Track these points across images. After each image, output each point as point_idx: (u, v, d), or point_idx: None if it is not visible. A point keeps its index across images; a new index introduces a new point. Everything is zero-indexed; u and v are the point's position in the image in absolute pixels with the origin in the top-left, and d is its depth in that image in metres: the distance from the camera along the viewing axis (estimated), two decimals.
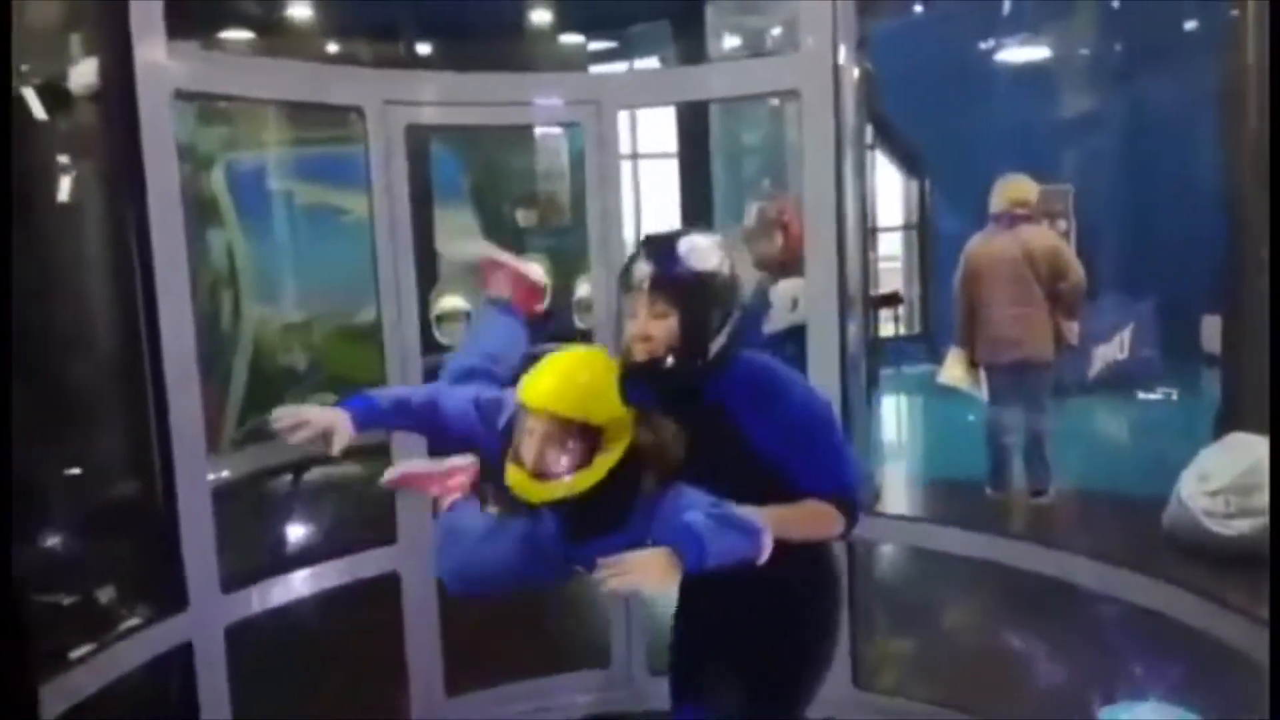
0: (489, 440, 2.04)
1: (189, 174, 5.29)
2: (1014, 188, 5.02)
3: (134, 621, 2.75)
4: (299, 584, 3.09)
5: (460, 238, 6.06)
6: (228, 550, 2.85)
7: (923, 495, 5.81)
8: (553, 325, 3.40)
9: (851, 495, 1.96)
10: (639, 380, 1.88)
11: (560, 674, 3.49)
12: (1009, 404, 5.05)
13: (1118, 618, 3.10)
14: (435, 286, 4.44)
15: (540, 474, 1.83)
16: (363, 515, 4.79)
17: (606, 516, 1.88)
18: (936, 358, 7.52)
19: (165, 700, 2.84)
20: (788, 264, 4.13)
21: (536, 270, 2.62)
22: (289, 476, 4.86)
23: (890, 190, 8.81)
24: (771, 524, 1.79)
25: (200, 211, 6.02)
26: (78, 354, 2.97)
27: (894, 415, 7.84)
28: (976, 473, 5.21)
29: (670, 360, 1.89)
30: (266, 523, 4.49)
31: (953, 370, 5.09)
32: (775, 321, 3.77)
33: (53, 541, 2.96)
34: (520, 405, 1.87)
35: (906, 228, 9.08)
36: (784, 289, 3.79)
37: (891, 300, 8.23)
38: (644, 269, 1.91)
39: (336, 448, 2.00)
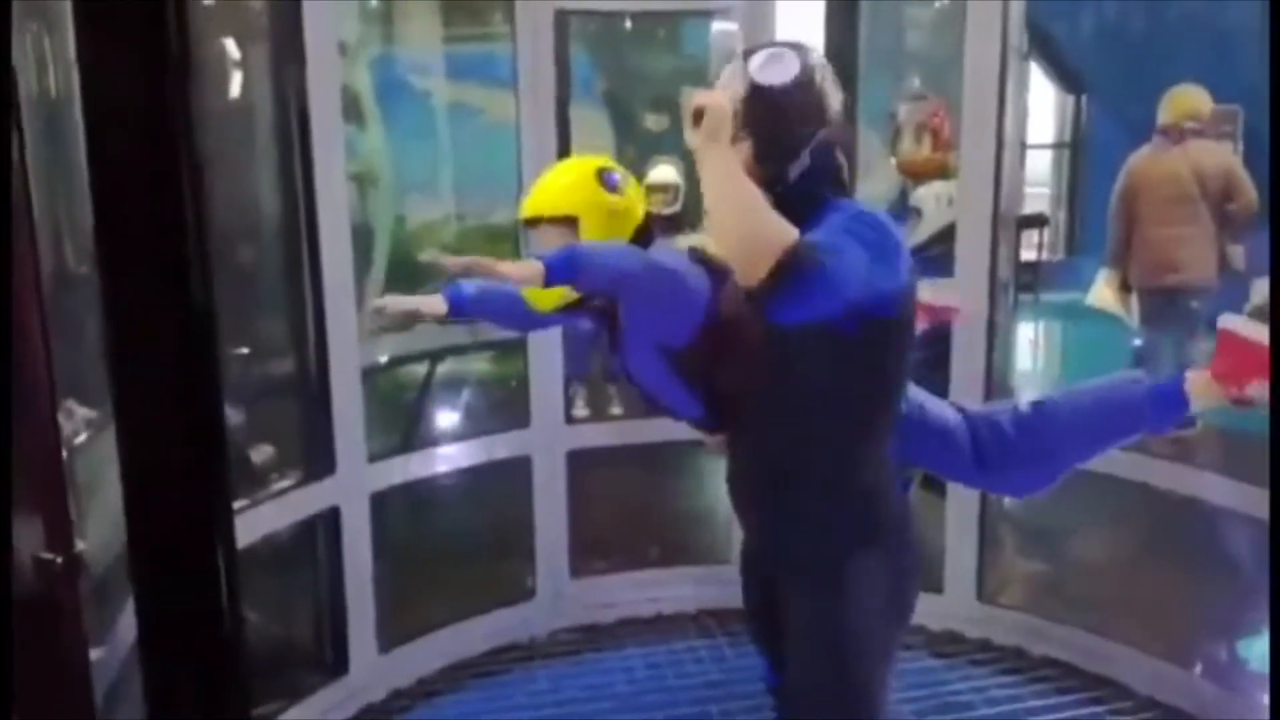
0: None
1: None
2: (1186, 99, 4.66)
3: (286, 483, 2.94)
4: (438, 460, 3.23)
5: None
6: (370, 427, 3.00)
7: None
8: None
9: (809, 252, 1.50)
10: None
11: (680, 566, 3.56)
12: (1161, 330, 4.78)
13: (1262, 546, 2.95)
14: None
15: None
16: (494, 402, 4.95)
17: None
18: (1079, 286, 7.20)
19: (314, 559, 3.04)
20: (934, 168, 4.00)
21: None
22: (425, 365, 5.02)
23: (1041, 106, 8.34)
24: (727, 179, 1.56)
25: (345, 106, 6.14)
26: (249, 243, 3.13)
27: (1033, 341, 7.56)
28: None
29: None
30: (404, 405, 4.68)
31: (1102, 292, 4.83)
32: (925, 226, 3.65)
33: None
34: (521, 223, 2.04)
35: (1057, 146, 8.61)
36: (933, 190, 3.66)
37: (1036, 222, 7.85)
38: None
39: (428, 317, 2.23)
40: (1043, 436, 1.90)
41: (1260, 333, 1.82)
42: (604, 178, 2.00)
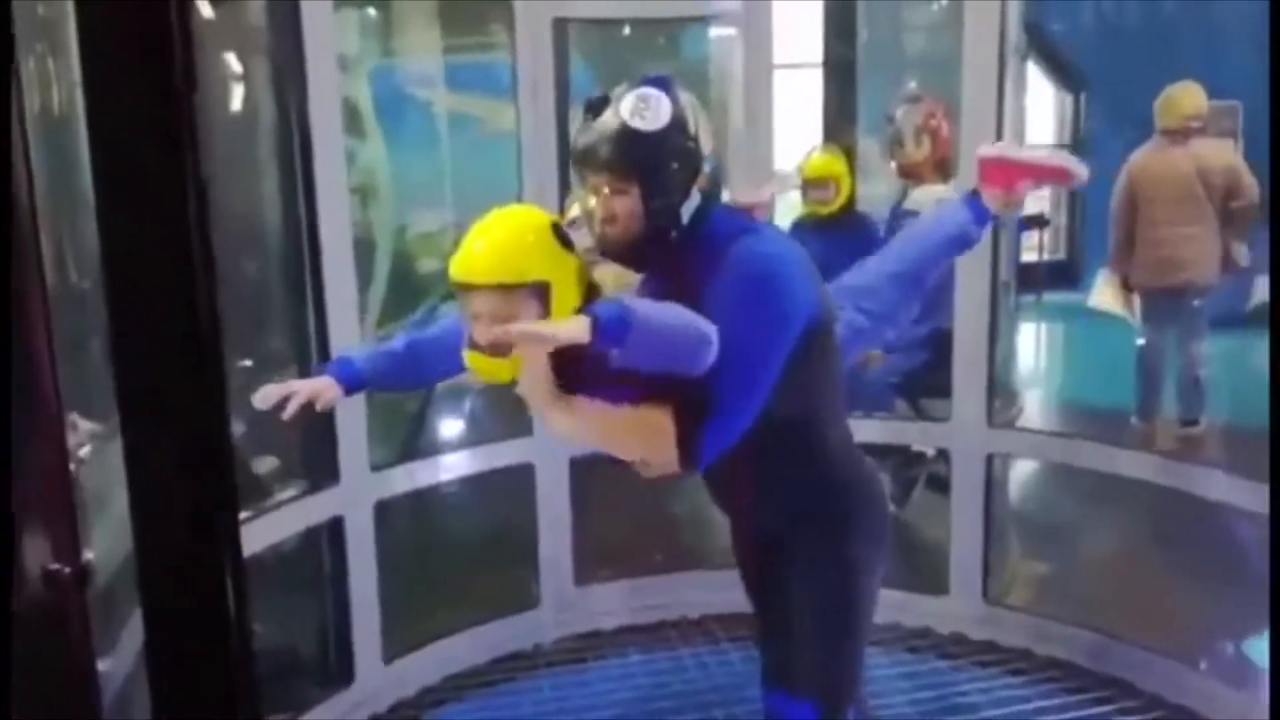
0: None
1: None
2: (1186, 98, 4.66)
3: (289, 494, 2.95)
4: (441, 468, 3.24)
5: None
6: (373, 436, 3.00)
7: (1063, 423, 5.60)
8: None
9: (694, 412, 1.64)
10: (620, 261, 1.72)
11: (684, 571, 3.56)
12: (1164, 329, 4.79)
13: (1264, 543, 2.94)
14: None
15: (501, 351, 1.64)
16: (496, 410, 4.95)
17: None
18: (1079, 285, 7.19)
19: (318, 569, 3.04)
20: (933, 170, 4.00)
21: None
22: None
23: (1039, 105, 8.34)
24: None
25: (345, 119, 6.16)
26: (250, 257, 3.14)
27: (1034, 342, 7.56)
28: (1120, 402, 4.99)
29: (642, 237, 1.66)
30: (407, 414, 4.68)
31: (1104, 294, 4.83)
32: None
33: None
34: (455, 287, 1.68)
35: (1057, 146, 8.61)
36: (933, 193, 3.66)
37: (1036, 222, 7.85)
38: (592, 140, 1.66)
39: (322, 407, 1.95)
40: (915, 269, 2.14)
41: (1009, 150, 2.24)
42: (561, 234, 1.70)
